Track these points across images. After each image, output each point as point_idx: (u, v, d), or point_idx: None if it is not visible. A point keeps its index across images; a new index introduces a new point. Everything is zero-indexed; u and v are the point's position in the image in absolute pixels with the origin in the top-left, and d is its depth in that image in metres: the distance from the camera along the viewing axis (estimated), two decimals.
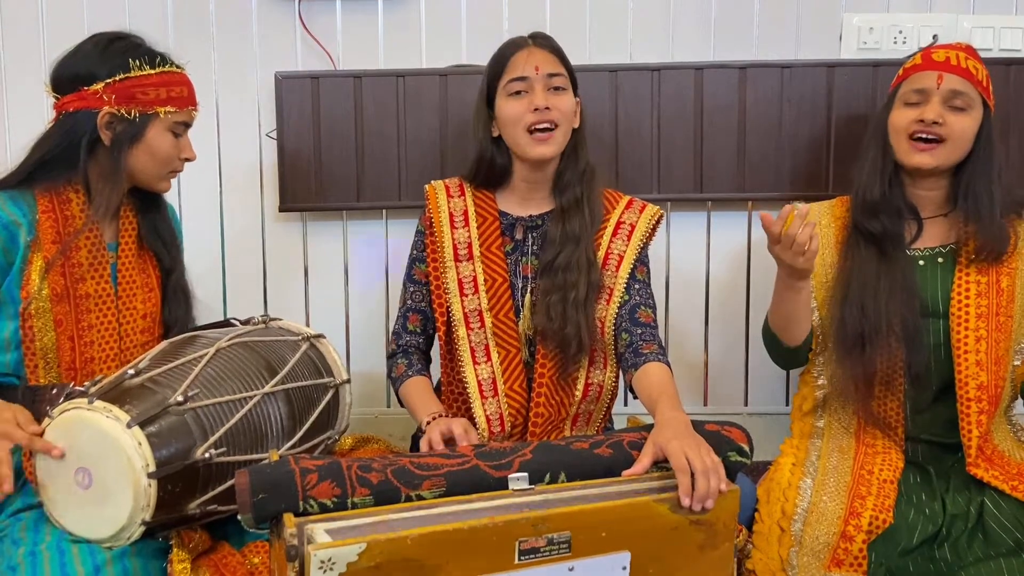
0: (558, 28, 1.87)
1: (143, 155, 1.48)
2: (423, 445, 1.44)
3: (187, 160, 1.56)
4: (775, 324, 1.61)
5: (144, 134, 1.47)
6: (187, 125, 1.54)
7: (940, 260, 1.58)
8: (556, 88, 1.56)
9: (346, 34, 2.04)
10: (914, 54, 1.62)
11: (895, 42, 1.99)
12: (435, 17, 2.05)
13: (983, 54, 1.97)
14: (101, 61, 1.45)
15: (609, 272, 1.59)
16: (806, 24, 2.03)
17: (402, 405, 1.67)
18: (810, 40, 2.03)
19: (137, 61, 1.46)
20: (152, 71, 1.47)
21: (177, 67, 1.52)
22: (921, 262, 1.59)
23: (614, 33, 2.04)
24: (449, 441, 1.44)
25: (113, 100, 1.44)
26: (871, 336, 1.53)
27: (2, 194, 1.44)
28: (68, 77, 1.46)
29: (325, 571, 1.05)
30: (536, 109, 1.53)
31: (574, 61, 1.63)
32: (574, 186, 1.60)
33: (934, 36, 1.98)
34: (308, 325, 1.69)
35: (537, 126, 1.53)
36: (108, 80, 1.44)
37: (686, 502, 1.21)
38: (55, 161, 1.46)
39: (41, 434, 1.27)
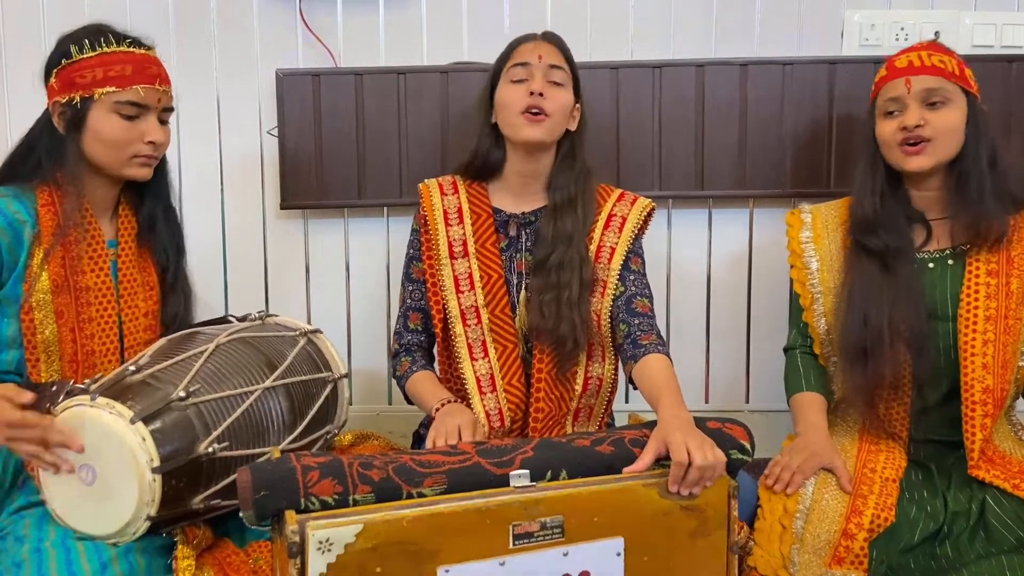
0: (559, 24, 1.86)
1: (91, 141, 1.44)
2: (429, 441, 1.43)
3: (153, 143, 1.46)
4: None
5: (85, 119, 1.43)
6: (138, 105, 1.43)
7: (950, 262, 1.57)
8: (555, 82, 1.57)
9: (347, 31, 2.04)
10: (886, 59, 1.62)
11: (897, 39, 1.99)
12: (436, 14, 2.05)
13: (984, 51, 1.99)
14: (54, 53, 1.45)
15: (602, 265, 1.60)
16: (807, 21, 2.03)
17: (409, 402, 1.68)
18: (811, 37, 2.03)
19: (77, 46, 1.42)
20: (92, 53, 1.42)
21: (127, 47, 1.43)
22: (931, 265, 1.58)
23: (615, 30, 2.04)
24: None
25: (58, 89, 1.43)
26: (874, 349, 1.53)
27: (5, 190, 1.44)
28: (43, 75, 1.47)
29: (323, 552, 1.07)
30: (532, 93, 1.54)
31: (575, 58, 1.63)
32: (568, 186, 1.61)
33: (936, 33, 1.97)
34: (309, 323, 1.69)
35: (530, 109, 1.55)
36: (56, 69, 1.44)
37: (673, 488, 1.24)
38: (23, 158, 1.46)
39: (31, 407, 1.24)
